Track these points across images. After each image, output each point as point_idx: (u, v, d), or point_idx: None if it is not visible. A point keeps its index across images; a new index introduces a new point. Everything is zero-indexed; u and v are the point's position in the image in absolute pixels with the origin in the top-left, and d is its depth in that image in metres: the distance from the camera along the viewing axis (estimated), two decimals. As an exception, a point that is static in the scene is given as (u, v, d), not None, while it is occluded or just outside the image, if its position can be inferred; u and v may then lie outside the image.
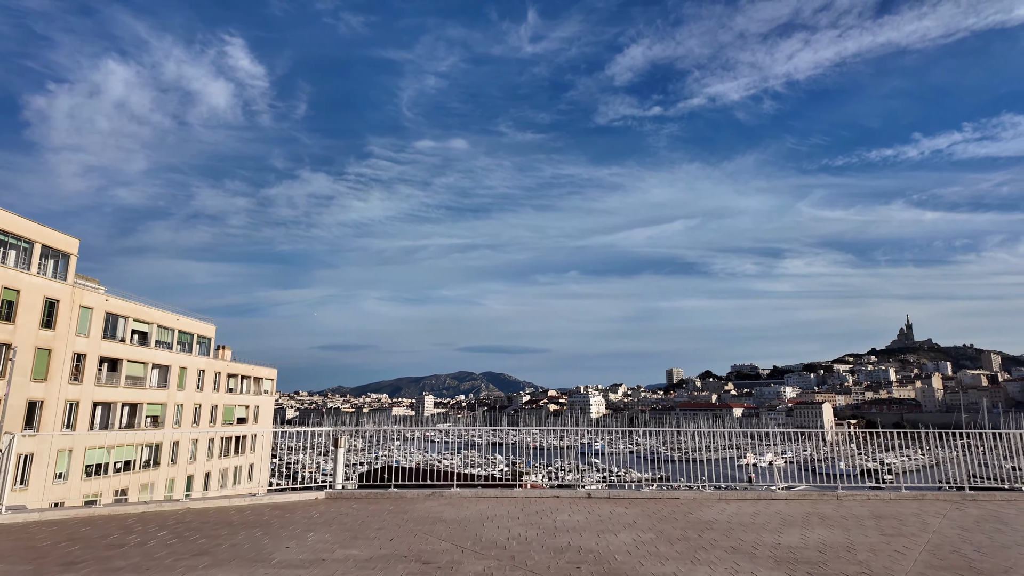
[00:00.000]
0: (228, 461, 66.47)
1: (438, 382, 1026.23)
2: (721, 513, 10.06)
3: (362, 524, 9.14)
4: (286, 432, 72.37)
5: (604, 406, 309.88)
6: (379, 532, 8.54)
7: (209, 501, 10.79)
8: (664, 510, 10.33)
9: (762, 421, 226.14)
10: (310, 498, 11.57)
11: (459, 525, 8.98)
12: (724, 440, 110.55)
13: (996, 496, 11.40)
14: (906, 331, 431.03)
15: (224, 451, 66.04)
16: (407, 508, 10.53)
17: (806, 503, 10.97)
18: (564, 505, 10.81)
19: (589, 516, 9.76)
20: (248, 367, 72.92)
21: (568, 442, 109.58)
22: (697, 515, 9.85)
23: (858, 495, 11.42)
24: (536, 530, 8.65)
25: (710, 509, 10.43)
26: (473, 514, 9.92)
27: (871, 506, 10.70)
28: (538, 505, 10.80)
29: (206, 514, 9.99)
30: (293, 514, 9.97)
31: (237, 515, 9.89)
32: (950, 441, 13.78)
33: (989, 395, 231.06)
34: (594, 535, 8.33)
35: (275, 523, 9.20)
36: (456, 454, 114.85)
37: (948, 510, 10.29)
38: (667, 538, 8.17)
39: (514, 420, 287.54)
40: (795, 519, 9.50)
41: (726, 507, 10.61)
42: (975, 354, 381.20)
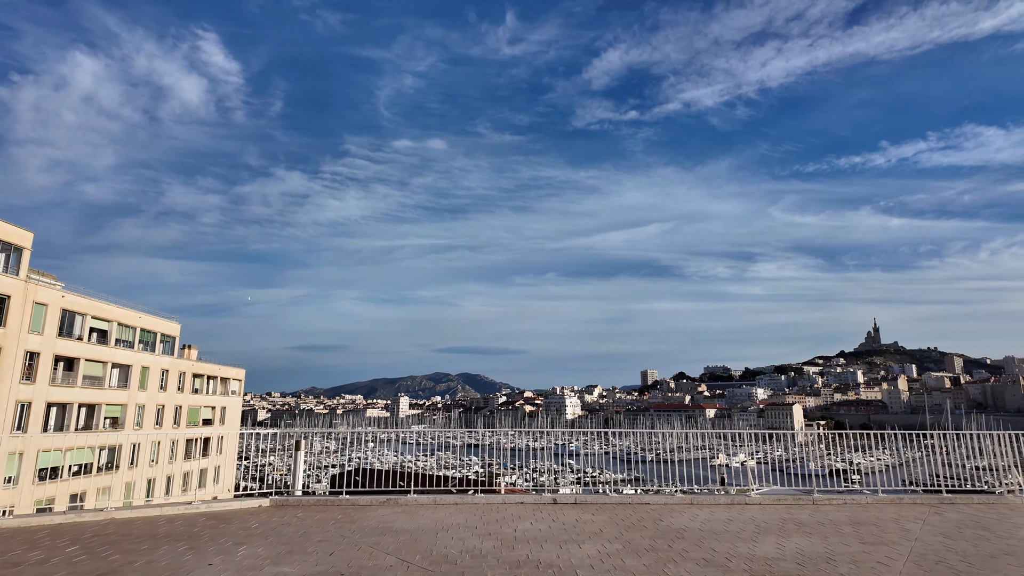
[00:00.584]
0: (192, 464, 64.40)
1: (414, 383, 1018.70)
2: (693, 520, 9.46)
3: (303, 536, 8.30)
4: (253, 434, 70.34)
5: (580, 407, 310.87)
6: (319, 545, 7.72)
7: (137, 511, 9.81)
8: (633, 517, 9.69)
9: (734, 422, 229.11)
10: (253, 506, 10.65)
11: (410, 536, 8.20)
12: (697, 441, 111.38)
13: (974, 499, 11.04)
14: (873, 334, 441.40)
15: (189, 453, 63.97)
16: (357, 517, 9.71)
17: (781, 508, 10.45)
18: (528, 512, 10.11)
19: (553, 524, 9.08)
20: (215, 367, 70.85)
21: (543, 444, 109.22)
22: (668, 522, 9.24)
23: (834, 499, 10.96)
24: (493, 541, 7.92)
25: (682, 515, 9.83)
26: (428, 523, 9.16)
27: (848, 511, 10.22)
28: (500, 512, 10.07)
29: (130, 525, 9.04)
30: (229, 524, 9.08)
31: (166, 526, 8.96)
32: (915, 442, 13.58)
33: (952, 397, 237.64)
34: (556, 546, 7.64)
35: (205, 535, 8.31)
36: (430, 456, 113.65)
37: (927, 515, 9.86)
38: (635, 549, 7.51)
39: (490, 421, 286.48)
40: (771, 526, 8.95)
41: (698, 513, 10.02)
42: (939, 357, 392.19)
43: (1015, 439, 12.22)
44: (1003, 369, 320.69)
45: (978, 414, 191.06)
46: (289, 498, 10.94)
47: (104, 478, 49.48)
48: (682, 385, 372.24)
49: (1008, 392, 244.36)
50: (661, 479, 61.38)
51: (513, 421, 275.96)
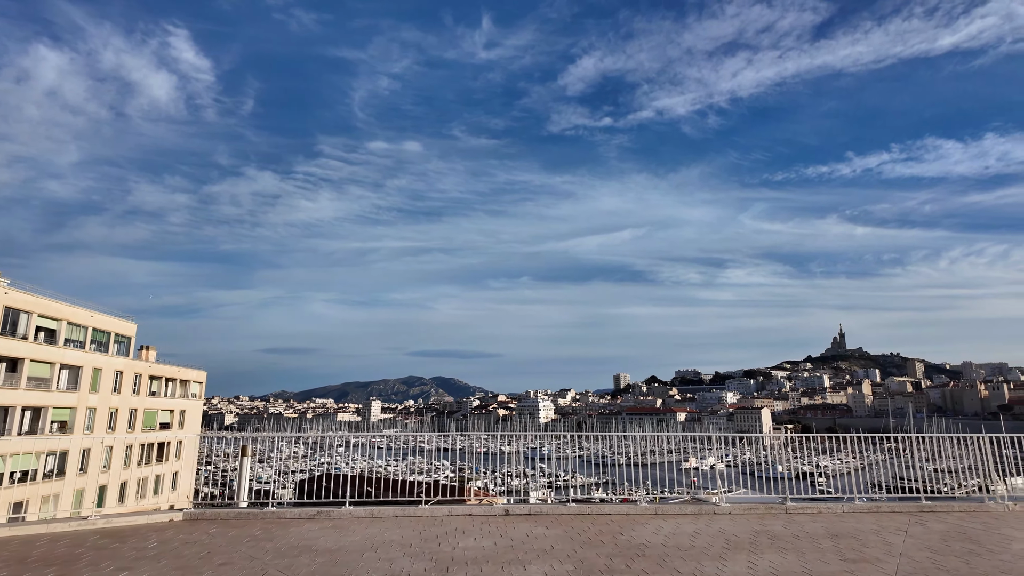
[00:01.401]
0: (148, 470, 61.60)
1: (387, 387, 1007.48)
2: (657, 533, 8.51)
3: (204, 558, 7.09)
4: (210, 438, 68.04)
5: (553, 411, 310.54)
6: (219, 570, 6.54)
7: (16, 528, 8.44)
8: (592, 530, 8.70)
9: (704, 425, 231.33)
10: (162, 520, 9.35)
11: (330, 558, 7.06)
12: (668, 444, 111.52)
13: (954, 507, 10.34)
14: (839, 340, 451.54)
15: (144, 459, 61.19)
16: (278, 533, 8.52)
17: (753, 519, 9.57)
18: (475, 526, 9.03)
19: (500, 541, 8.03)
20: (174, 369, 68.08)
21: (516, 447, 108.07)
22: (629, 536, 8.27)
23: (808, 508, 10.14)
24: (426, 563, 6.84)
25: (644, 528, 8.87)
26: (356, 541, 8.02)
27: (824, 521, 9.39)
28: (443, 526, 8.99)
29: (6, 546, 7.70)
30: (123, 544, 7.80)
31: (45, 547, 7.64)
32: (879, 445, 13.12)
33: (914, 401, 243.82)
34: (497, 569, 6.58)
35: (86, 558, 7.04)
36: (401, 460, 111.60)
37: (909, 525, 9.08)
38: (588, 570, 6.51)
39: (463, 425, 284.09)
40: (741, 540, 8.04)
41: (663, 525, 9.08)
42: (901, 362, 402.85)
43: (970, 442, 11.65)
44: (961, 374, 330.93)
45: (938, 418, 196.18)
46: (206, 511, 9.67)
47: (49, 486, 46.77)
48: (654, 389, 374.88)
49: (966, 396, 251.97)
50: (632, 482, 60.78)
51: (486, 425, 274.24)
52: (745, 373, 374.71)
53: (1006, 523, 9.20)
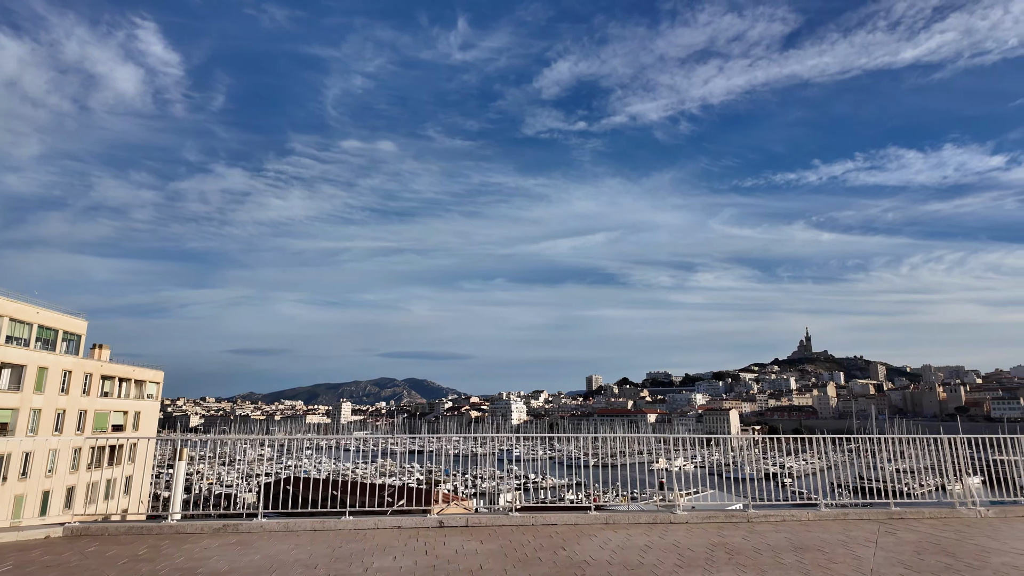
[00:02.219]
0: (98, 473, 58.71)
1: (358, 389, 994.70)
2: (603, 547, 7.56)
3: (57, 586, 5.89)
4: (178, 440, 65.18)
5: (525, 412, 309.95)
6: (65, 603, 5.36)
7: None
8: (532, 544, 7.72)
9: (674, 426, 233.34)
10: (36, 538, 8.05)
11: (211, 584, 5.94)
12: (638, 446, 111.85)
13: (924, 514, 9.64)
14: (805, 343, 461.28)
15: (95, 462, 58.31)
16: (167, 552, 7.33)
17: (711, 529, 8.69)
18: (400, 541, 7.96)
19: (423, 560, 6.99)
20: (128, 368, 65.15)
21: (488, 449, 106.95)
22: (571, 551, 7.31)
23: (772, 515, 9.32)
24: (326, 589, 5.76)
25: (591, 541, 7.92)
26: (255, 562, 6.89)
27: (788, 531, 8.57)
28: (364, 541, 7.90)
29: None
30: (-32, 569, 6.54)
31: None
32: (844, 446, 12.73)
33: (876, 402, 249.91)
34: (407, 596, 5.55)
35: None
36: (371, 463, 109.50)
37: (878, 535, 8.30)
38: (516, 596, 5.52)
39: (435, 427, 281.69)
40: (696, 556, 7.14)
41: (612, 537, 8.14)
42: (864, 365, 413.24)
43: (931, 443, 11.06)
44: (921, 377, 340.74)
45: (899, 419, 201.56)
46: (92, 525, 8.39)
47: (-14, 491, 44.03)
48: (625, 391, 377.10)
49: (925, 398, 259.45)
50: (603, 483, 60.04)
51: (458, 427, 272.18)
52: (714, 375, 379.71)
53: (980, 531, 8.51)
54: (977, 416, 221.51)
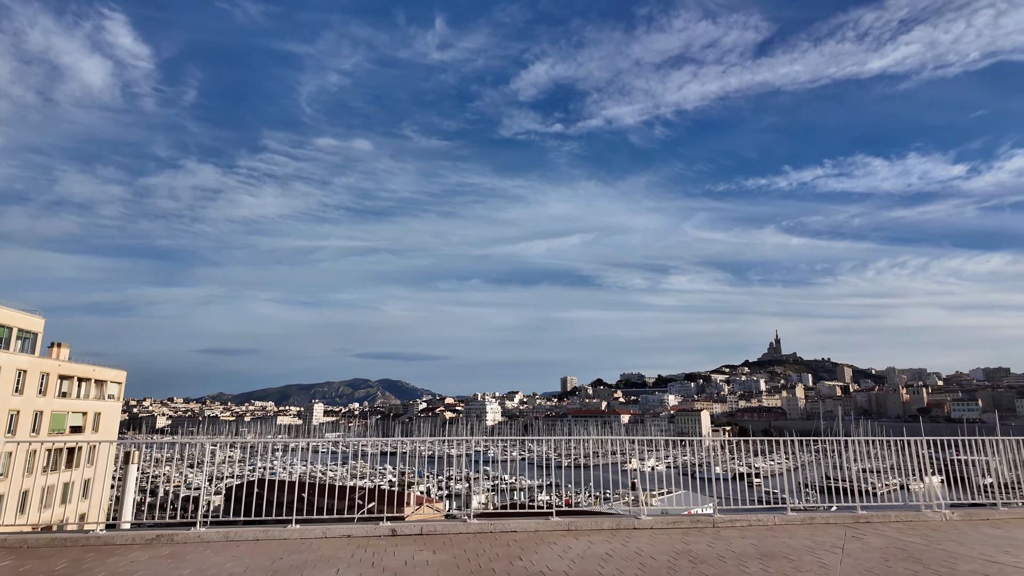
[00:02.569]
0: (55, 477, 56.50)
1: (331, 389, 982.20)
2: (563, 556, 7.18)
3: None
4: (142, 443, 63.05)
5: (500, 413, 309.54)
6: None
7: None
8: (488, 553, 7.29)
9: (647, 427, 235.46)
10: (-57, 552, 7.34)
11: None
12: (610, 447, 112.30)
13: (891, 517, 9.49)
14: (775, 345, 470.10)
15: (51, 465, 56.09)
16: (88, 567, 6.69)
17: (676, 535, 8.38)
18: (347, 551, 7.46)
19: (369, 572, 6.49)
20: (88, 368, 62.86)
21: (462, 451, 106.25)
22: (528, 561, 6.91)
23: (738, 520, 9.06)
24: (254, 608, 5.25)
25: (550, 550, 7.53)
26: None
27: (755, 537, 8.30)
28: (308, 552, 7.37)
29: None
30: None
31: None
32: (811, 447, 12.88)
33: (843, 404, 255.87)
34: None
35: None
36: (342, 465, 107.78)
37: (845, 540, 8.08)
38: (463, 614, 5.08)
39: (409, 429, 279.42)
40: (659, 565, 6.80)
41: (572, 545, 7.76)
42: (832, 367, 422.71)
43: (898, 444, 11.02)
44: (885, 379, 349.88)
45: (864, 420, 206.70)
46: (9, 537, 7.69)
47: (-70, 496, 41.95)
48: (600, 391, 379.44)
49: (889, 400, 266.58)
50: (575, 484, 59.83)
51: (432, 428, 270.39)
52: (686, 376, 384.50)
53: (947, 536, 8.36)
54: (938, 417, 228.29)
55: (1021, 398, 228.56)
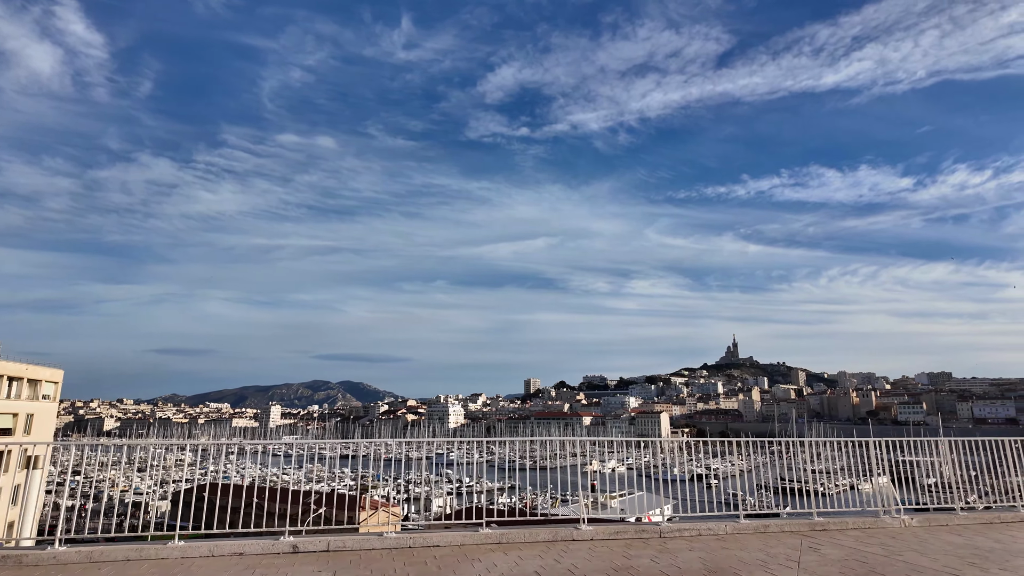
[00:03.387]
0: (-22, 483, 52.68)
1: (290, 392, 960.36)
2: (486, 575, 6.20)
3: None
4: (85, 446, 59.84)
5: (463, 415, 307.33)
6: None
7: None
8: (398, 573, 6.25)
9: (608, 429, 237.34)
10: None
11: None
12: (571, 448, 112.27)
13: (848, 524, 8.84)
14: (733, 349, 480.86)
15: (-25, 471, 52.26)
16: None
17: (617, 548, 7.49)
18: (231, 574, 6.30)
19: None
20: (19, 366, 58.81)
21: (423, 453, 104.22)
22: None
23: (687, 529, 8.24)
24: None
25: (472, 568, 6.53)
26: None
27: (703, 549, 7.47)
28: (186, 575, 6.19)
29: None
30: None
31: None
32: (766, 448, 12.78)
33: (796, 407, 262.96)
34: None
35: None
36: (299, 469, 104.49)
37: (801, 551, 7.33)
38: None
39: (369, 431, 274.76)
40: (592, 585, 5.88)
41: (499, 562, 6.78)
42: (786, 371, 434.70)
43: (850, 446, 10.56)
44: (837, 382, 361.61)
45: (817, 422, 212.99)
46: None
47: None
48: (562, 394, 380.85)
49: (840, 403, 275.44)
50: (535, 486, 58.79)
51: (394, 430, 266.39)
52: (647, 379, 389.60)
53: (907, 545, 7.71)
54: (886, 419, 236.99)
55: (962, 401, 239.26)
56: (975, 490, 13.80)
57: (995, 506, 9.95)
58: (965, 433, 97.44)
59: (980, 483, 12.44)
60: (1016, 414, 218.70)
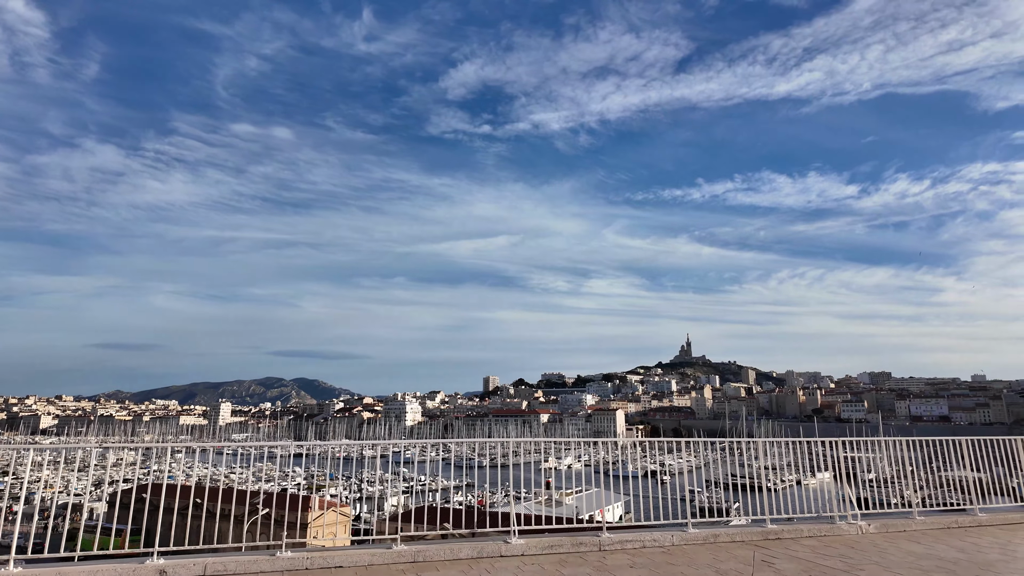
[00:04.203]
0: None
1: (241, 388, 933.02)
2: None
3: None
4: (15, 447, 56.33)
5: (420, 413, 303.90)
6: None
7: None
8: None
9: (565, 426, 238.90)
10: None
11: None
12: (529, 446, 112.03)
13: (803, 532, 8.14)
14: (686, 348, 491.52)
15: None
16: None
17: (549, 564, 6.53)
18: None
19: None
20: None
21: (377, 452, 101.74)
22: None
23: (629, 542, 7.36)
24: None
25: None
26: None
27: (647, 564, 6.58)
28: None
29: None
30: None
31: None
32: (717, 447, 12.41)
33: (746, 404, 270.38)
34: None
35: None
36: (248, 468, 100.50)
37: (754, 566, 6.53)
38: None
39: (323, 430, 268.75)
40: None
41: (408, 588, 5.72)
42: (737, 369, 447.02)
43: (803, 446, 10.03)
44: (785, 381, 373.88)
45: (766, 420, 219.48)
46: None
47: None
48: (521, 391, 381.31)
49: (788, 401, 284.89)
50: (491, 484, 57.65)
51: (349, 429, 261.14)
52: (604, 377, 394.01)
53: (867, 556, 7.02)
54: (830, 417, 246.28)
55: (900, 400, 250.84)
56: (910, 485, 13.86)
57: (950, 508, 9.47)
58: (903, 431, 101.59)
59: (916, 478, 12.60)
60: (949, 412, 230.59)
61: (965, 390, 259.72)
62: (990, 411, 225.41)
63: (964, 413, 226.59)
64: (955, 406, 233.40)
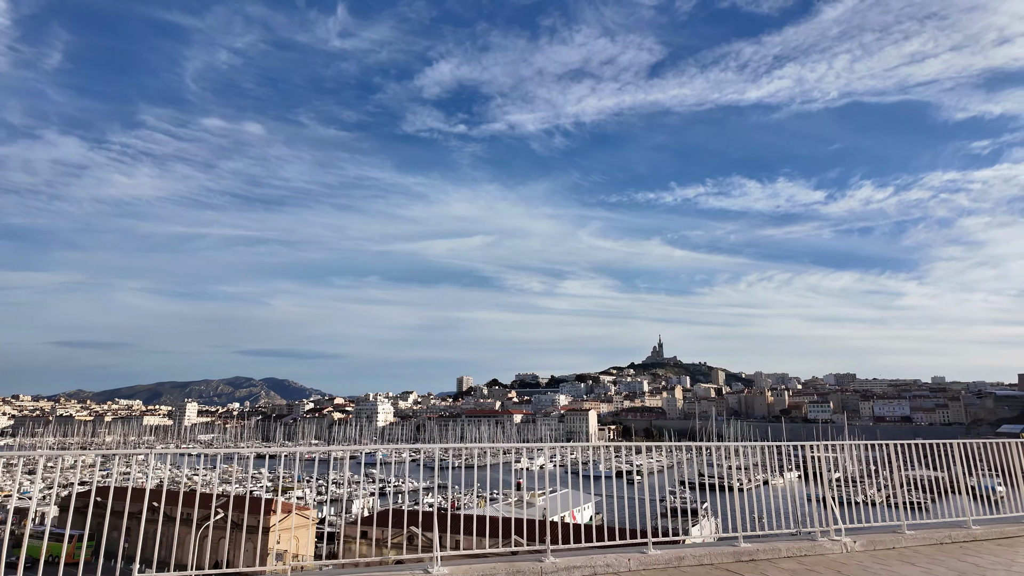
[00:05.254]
0: None
1: (209, 388, 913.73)
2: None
3: None
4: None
5: (392, 414, 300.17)
6: None
7: None
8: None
9: (538, 426, 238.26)
10: None
11: None
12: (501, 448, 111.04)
13: (781, 551, 7.07)
14: (658, 349, 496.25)
15: None
16: None
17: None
18: None
19: None
20: None
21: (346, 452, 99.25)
22: None
23: (577, 568, 6.17)
24: None
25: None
26: None
27: (594, 600, 5.41)
28: None
29: None
30: None
31: None
32: (688, 449, 11.66)
33: (716, 405, 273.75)
34: None
35: None
36: (213, 470, 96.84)
37: (723, 602, 5.41)
38: None
39: (292, 430, 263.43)
40: None
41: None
42: (707, 370, 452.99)
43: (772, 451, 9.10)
44: (754, 382, 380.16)
45: (735, 420, 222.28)
46: None
47: None
48: (495, 392, 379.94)
49: (756, 401, 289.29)
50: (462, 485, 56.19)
51: (318, 430, 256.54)
52: (577, 377, 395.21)
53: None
54: (797, 417, 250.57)
55: (864, 401, 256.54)
56: (875, 484, 13.06)
57: (942, 521, 8.54)
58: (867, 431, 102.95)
59: (879, 476, 11.96)
60: (911, 412, 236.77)
61: (926, 391, 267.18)
62: (949, 412, 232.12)
63: (925, 414, 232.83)
64: (916, 407, 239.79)
